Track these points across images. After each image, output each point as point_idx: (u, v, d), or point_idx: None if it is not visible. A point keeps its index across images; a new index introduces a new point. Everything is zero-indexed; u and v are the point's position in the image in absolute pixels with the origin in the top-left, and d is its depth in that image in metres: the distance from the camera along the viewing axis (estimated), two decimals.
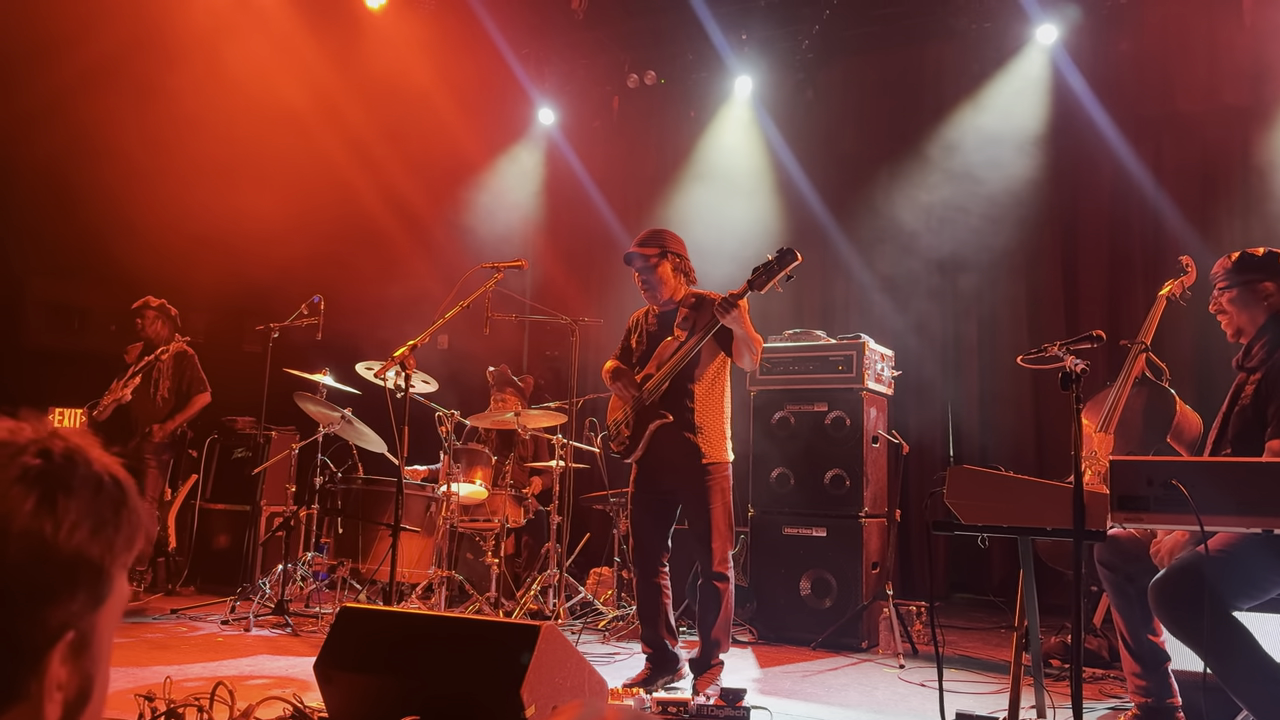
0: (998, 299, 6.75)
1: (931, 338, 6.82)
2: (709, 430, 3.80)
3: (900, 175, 6.95)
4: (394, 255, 7.56)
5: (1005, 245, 6.64)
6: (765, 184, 7.54)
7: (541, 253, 8.00)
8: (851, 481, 5.19)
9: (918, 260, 6.82)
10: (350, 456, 5.74)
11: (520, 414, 5.42)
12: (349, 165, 7.43)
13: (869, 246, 7.01)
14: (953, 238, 6.74)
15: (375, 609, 2.73)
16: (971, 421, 6.67)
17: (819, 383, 5.36)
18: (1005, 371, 6.63)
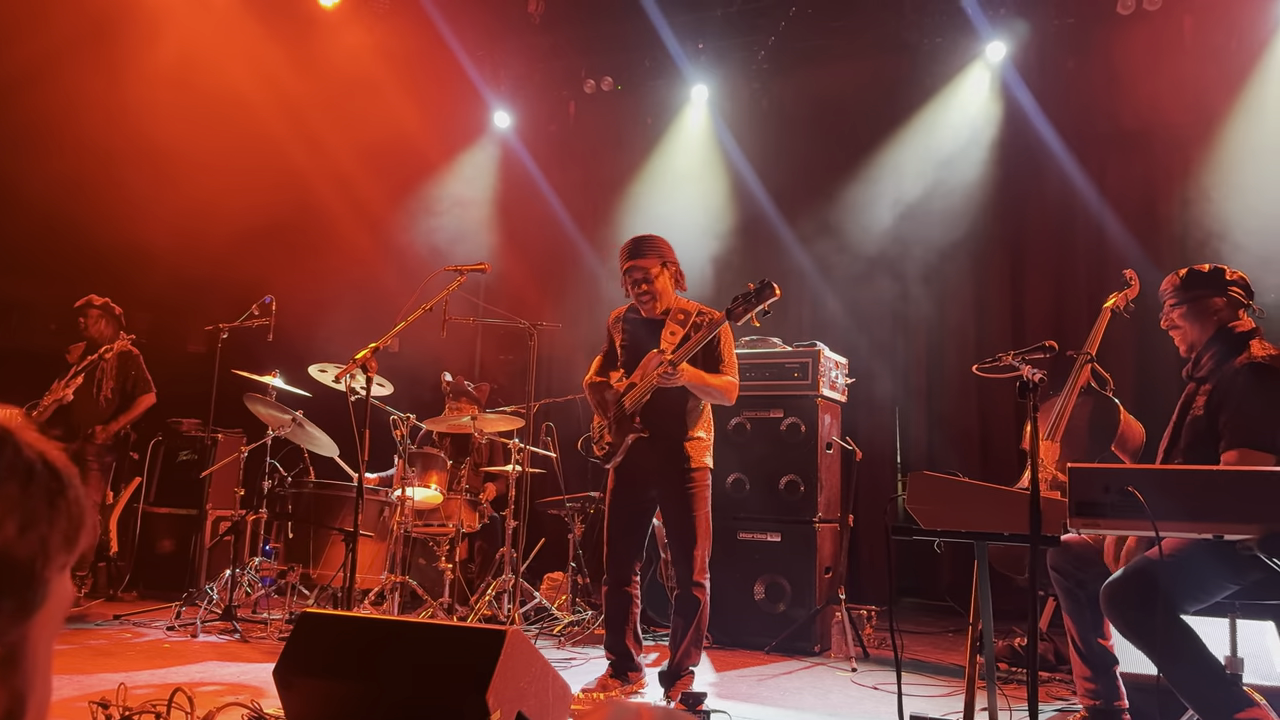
0: (946, 309, 6.88)
1: (882, 346, 6.92)
2: (696, 439, 3.83)
3: (853, 186, 7.04)
4: (347, 256, 7.45)
5: (954, 255, 6.77)
6: (721, 191, 7.59)
7: (497, 255, 7.94)
8: (806, 487, 5.23)
9: (870, 269, 6.91)
10: (301, 460, 5.65)
11: (477, 418, 5.38)
12: (302, 163, 7.30)
13: (824, 255, 7.08)
14: (903, 248, 6.85)
15: (337, 614, 2.68)
16: (919, 427, 6.77)
17: (775, 389, 5.39)
18: (952, 379, 6.75)
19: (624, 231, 7.76)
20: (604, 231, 7.93)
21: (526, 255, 8.20)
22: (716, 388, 3.75)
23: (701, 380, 3.70)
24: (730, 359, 3.84)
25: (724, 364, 3.81)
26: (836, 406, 5.65)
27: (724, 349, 3.83)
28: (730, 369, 3.82)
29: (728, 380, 3.79)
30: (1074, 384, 4.50)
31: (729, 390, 3.77)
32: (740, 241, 7.41)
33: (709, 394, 3.77)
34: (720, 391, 3.76)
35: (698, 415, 3.86)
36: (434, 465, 5.44)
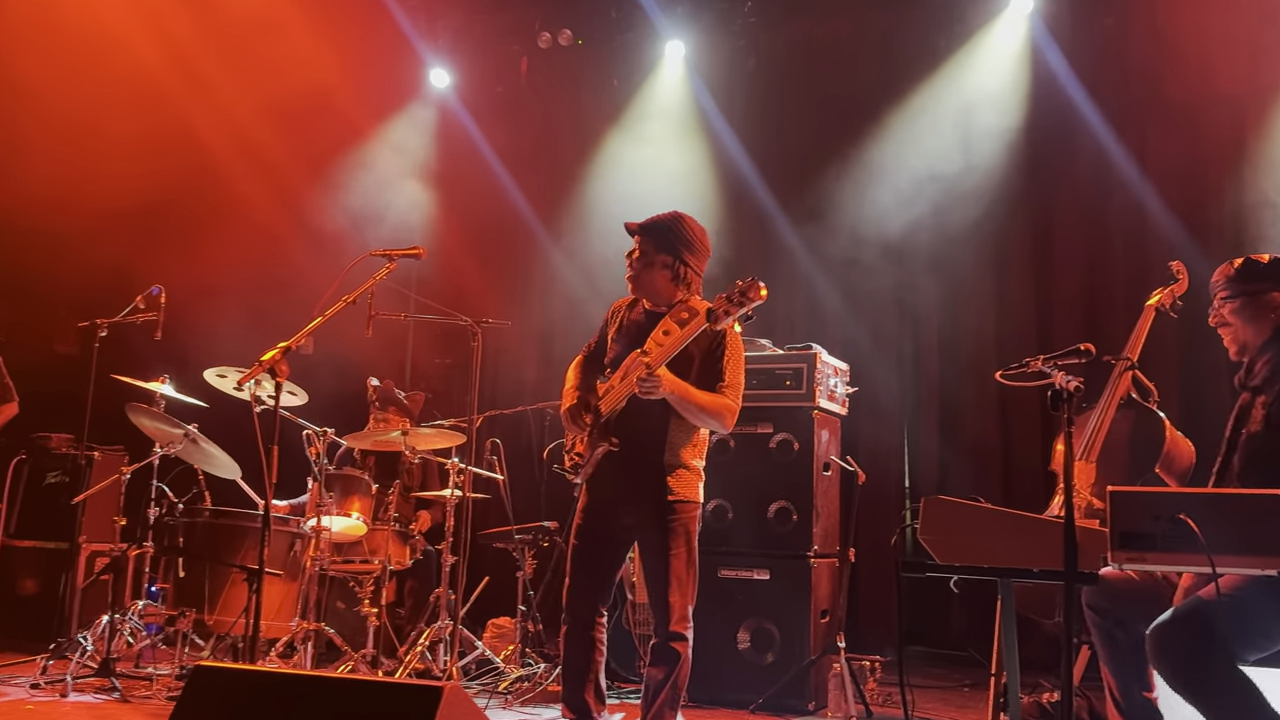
0: (963, 305, 6.93)
1: (888, 349, 6.96)
2: (682, 466, 3.78)
3: (854, 160, 7.08)
4: (253, 238, 7.35)
5: (972, 242, 6.81)
6: (700, 166, 7.60)
7: (434, 239, 7.90)
8: (799, 516, 5.23)
9: (874, 258, 6.94)
10: (195, 484, 5.57)
11: (408, 433, 5.34)
12: (197, 122, 7.20)
13: (820, 242, 7.12)
14: (912, 234, 6.89)
15: (238, 668, 2.63)
16: (931, 445, 6.82)
17: (764, 400, 5.37)
18: (970, 388, 6.80)
19: (585, 211, 7.76)
20: (561, 211, 7.91)
21: (469, 239, 8.16)
22: (705, 407, 3.67)
23: (686, 395, 3.63)
24: (734, 377, 3.74)
25: (724, 381, 3.73)
26: (835, 420, 5.65)
27: (727, 362, 3.74)
28: (732, 389, 3.73)
29: (722, 402, 3.70)
30: (1112, 395, 4.53)
31: (722, 413, 3.70)
32: (722, 223, 7.41)
33: (695, 414, 3.69)
34: (709, 413, 3.69)
35: (685, 440, 3.77)
36: (356, 489, 5.39)
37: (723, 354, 3.75)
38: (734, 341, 3.80)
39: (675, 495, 3.73)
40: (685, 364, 3.70)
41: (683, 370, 3.68)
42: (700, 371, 3.73)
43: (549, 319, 7.93)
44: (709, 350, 3.74)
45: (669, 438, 3.75)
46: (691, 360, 3.73)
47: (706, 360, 3.74)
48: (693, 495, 3.79)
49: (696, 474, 3.83)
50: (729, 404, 3.72)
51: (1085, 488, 4.41)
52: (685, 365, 3.70)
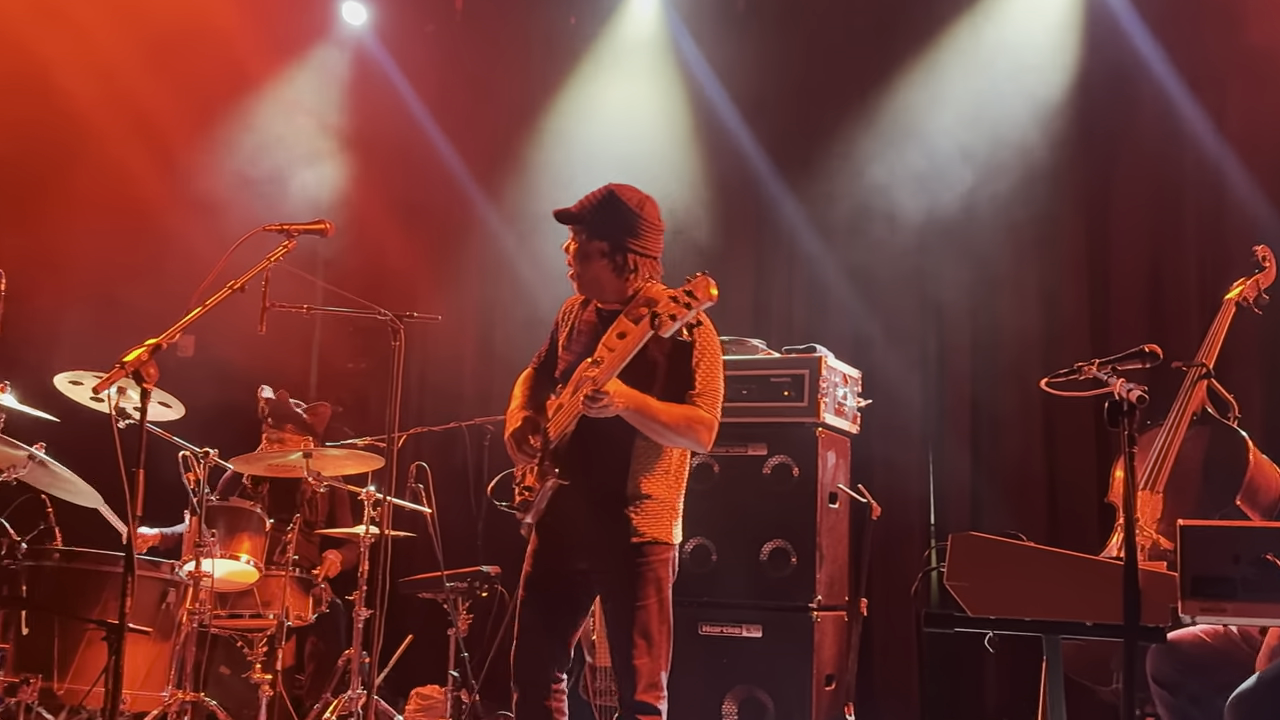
0: (1000, 298, 6.92)
1: (909, 351, 6.95)
2: (651, 499, 3.76)
3: (868, 119, 7.07)
4: (117, 209, 7.27)
5: (1011, 225, 6.81)
6: (679, 124, 7.57)
7: (348, 212, 7.82)
8: (800, 558, 5.25)
9: (892, 240, 6.94)
10: (43, 517, 5.49)
11: (311, 455, 5.33)
12: (48, 59, 7.07)
13: (826, 220, 7.10)
14: (940, 210, 6.89)
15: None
16: (962, 469, 6.81)
17: (755, 414, 5.41)
18: (1009, 400, 6.80)
19: (536, 177, 7.73)
20: (507, 177, 7.87)
21: (391, 212, 8.10)
22: (672, 424, 3.66)
23: (646, 410, 3.61)
24: (709, 382, 3.73)
25: (695, 388, 3.72)
26: (844, 440, 5.67)
27: (699, 363, 3.74)
28: (706, 398, 3.72)
29: (694, 415, 3.68)
30: (1183, 409, 4.56)
31: (695, 428, 3.68)
32: (704, 194, 7.39)
33: (661, 433, 3.68)
34: (678, 429, 3.67)
35: (653, 465, 3.76)
36: (245, 526, 5.38)
37: (692, 354, 3.75)
38: (707, 339, 3.79)
39: (642, 535, 3.72)
40: (647, 370, 3.70)
41: (644, 378, 3.67)
42: (667, 378, 3.72)
43: (491, 312, 7.88)
44: (676, 351, 3.74)
45: (632, 464, 3.74)
46: (655, 366, 3.72)
47: (673, 364, 3.74)
48: (664, 534, 3.77)
49: (670, 508, 3.81)
50: (703, 416, 3.71)
51: (1150, 523, 4.43)
52: (647, 372, 3.69)
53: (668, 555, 3.78)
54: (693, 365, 3.74)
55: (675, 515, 3.84)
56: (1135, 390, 2.96)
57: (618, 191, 3.87)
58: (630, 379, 3.61)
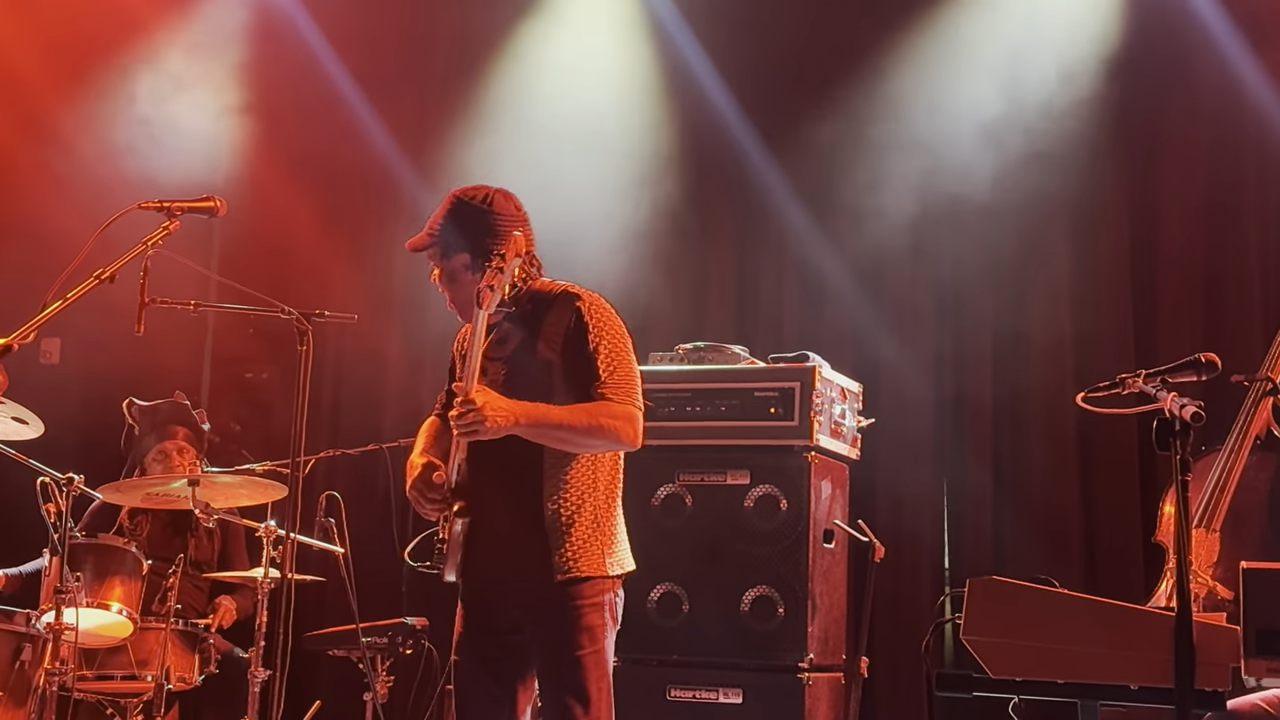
0: (1026, 297, 6.94)
1: (920, 360, 6.95)
2: (573, 521, 3.72)
3: (876, 89, 7.08)
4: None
5: (1041, 212, 6.84)
6: (645, 91, 7.57)
7: (247, 190, 7.77)
8: (788, 608, 5.26)
9: (902, 231, 6.94)
10: None
11: (199, 481, 5.30)
12: None
13: (823, 204, 7.10)
14: (959, 195, 6.90)
15: None
16: (981, 502, 6.81)
17: (736, 435, 5.46)
18: (1037, 418, 6.81)
19: (476, 149, 7.69)
20: (440, 150, 7.84)
21: (300, 190, 8.07)
22: (580, 428, 3.61)
23: (542, 420, 3.58)
24: (614, 364, 3.69)
25: (600, 379, 3.68)
26: (842, 467, 5.66)
27: (601, 349, 3.70)
28: (616, 386, 3.67)
29: (602, 409, 3.63)
30: (1244, 432, 4.56)
31: (612, 425, 3.63)
32: (678, 171, 7.39)
33: (571, 441, 3.66)
34: (591, 432, 3.63)
35: (570, 479, 3.73)
36: (118, 567, 5.38)
37: (587, 339, 3.71)
38: (600, 314, 3.75)
39: (567, 571, 3.69)
40: (542, 375, 3.70)
41: (542, 385, 3.68)
42: (568, 377, 3.70)
43: (422, 311, 7.79)
44: (569, 342, 3.71)
45: (544, 484, 3.71)
46: (550, 367, 3.72)
47: (570, 357, 3.71)
48: (596, 566, 3.73)
49: (601, 533, 3.76)
50: (616, 409, 3.64)
51: (1206, 567, 4.43)
52: (543, 377, 3.70)
53: (604, 593, 3.74)
54: (590, 351, 3.70)
55: (611, 542, 3.79)
56: (1189, 407, 2.93)
57: (460, 195, 3.93)
58: (526, 390, 3.63)
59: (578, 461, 3.76)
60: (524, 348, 3.78)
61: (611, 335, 3.75)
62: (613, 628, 3.79)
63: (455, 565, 3.77)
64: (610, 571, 3.76)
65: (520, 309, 3.82)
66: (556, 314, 3.75)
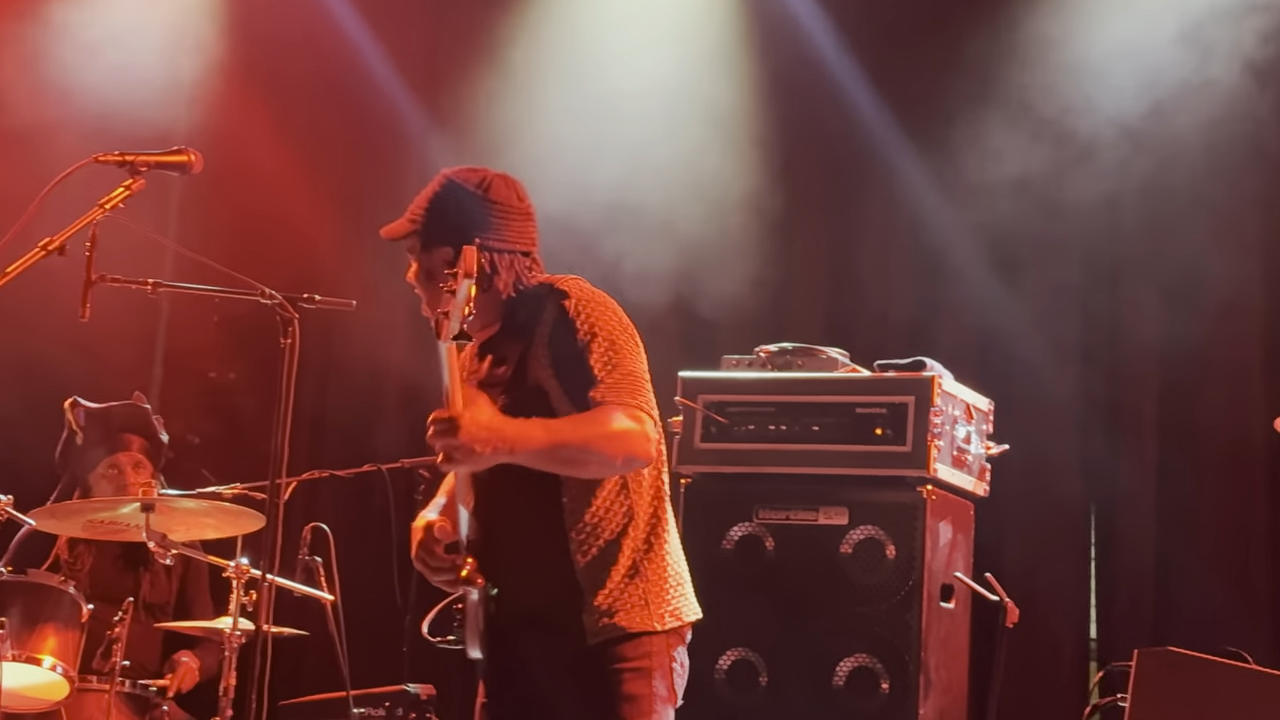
0: (1201, 296, 6.92)
1: (1065, 374, 6.94)
2: (606, 568, 3.74)
3: (1014, 34, 7.09)
4: None
5: (1223, 203, 6.82)
6: (726, 36, 7.62)
7: (224, 143, 7.82)
8: (894, 684, 5.27)
9: (1047, 216, 6.93)
10: None
11: (154, 506, 5.31)
12: None
13: (946, 177, 7.13)
14: (1118, 179, 6.88)
15: None
16: (1139, 555, 6.80)
17: (831, 462, 5.47)
18: (1215, 448, 6.80)
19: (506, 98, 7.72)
20: (461, 97, 7.89)
21: (288, 145, 8.12)
22: (582, 444, 3.58)
23: (538, 441, 3.55)
24: (613, 365, 3.65)
25: (597, 379, 3.65)
26: (966, 505, 5.67)
27: (593, 346, 3.67)
28: (615, 386, 3.63)
29: (601, 419, 3.60)
30: None
31: (619, 437, 3.57)
32: (762, 131, 7.42)
33: (575, 461, 3.62)
34: (597, 446, 3.59)
35: (589, 511, 3.74)
36: (52, 613, 5.38)
37: (574, 335, 3.71)
38: (584, 303, 3.74)
39: (600, 631, 3.71)
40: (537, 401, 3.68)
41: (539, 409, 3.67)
42: (564, 388, 3.70)
43: None
44: (554, 345, 3.72)
45: (565, 519, 3.73)
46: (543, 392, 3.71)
47: (560, 363, 3.72)
48: (639, 620, 3.73)
49: (645, 575, 3.77)
50: (619, 417, 3.61)
51: None
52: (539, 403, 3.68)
53: (650, 654, 3.74)
54: (579, 348, 3.69)
55: (660, 586, 3.77)
56: None
57: (452, 176, 3.96)
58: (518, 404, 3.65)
59: (603, 490, 3.77)
60: (520, 369, 3.79)
61: (606, 327, 3.71)
62: (668, 701, 3.75)
63: (478, 638, 3.80)
64: (659, 626, 3.72)
65: (513, 316, 3.85)
66: (545, 321, 3.75)
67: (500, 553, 3.75)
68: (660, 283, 5.88)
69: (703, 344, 6.42)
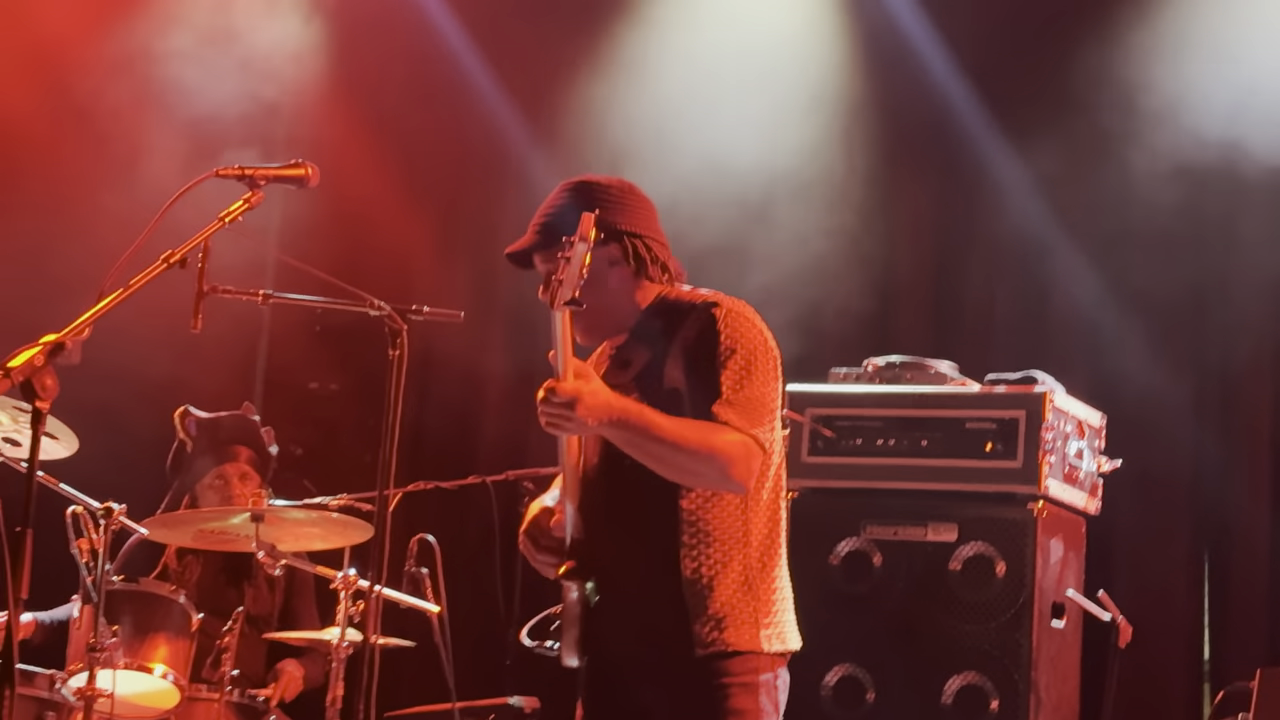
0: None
1: (1181, 385, 6.88)
2: (718, 582, 3.77)
3: (1136, 32, 7.05)
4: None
5: None
6: (830, 28, 7.64)
7: (317, 153, 7.86)
8: (1004, 703, 5.27)
9: (1156, 212, 6.90)
10: None
11: (265, 517, 5.36)
12: None
13: (1055, 176, 7.10)
14: (1232, 167, 6.83)
15: None
16: (1254, 570, 6.74)
17: (940, 478, 5.48)
18: None
19: (607, 112, 7.75)
20: (564, 113, 7.94)
21: (391, 157, 8.18)
22: (684, 446, 3.60)
23: (635, 422, 3.57)
24: (742, 386, 3.67)
25: (723, 396, 3.66)
26: (1078, 521, 5.65)
27: (730, 364, 3.70)
28: (739, 408, 3.65)
29: (712, 431, 3.62)
30: None
31: (718, 452, 3.61)
32: (867, 130, 7.44)
33: (665, 459, 3.62)
34: (694, 454, 3.61)
35: (715, 528, 3.76)
36: (163, 622, 5.45)
37: (716, 348, 3.73)
38: (733, 320, 3.75)
39: (710, 643, 3.72)
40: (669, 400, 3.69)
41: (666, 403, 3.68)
42: (691, 395, 3.72)
43: (534, 311, 7.89)
44: (695, 357, 3.73)
45: (682, 533, 3.74)
46: (677, 394, 3.72)
47: (693, 371, 3.73)
48: (748, 640, 3.75)
49: (757, 596, 3.79)
50: (727, 435, 3.61)
51: None
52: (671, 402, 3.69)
53: (758, 672, 3.76)
54: (717, 363, 3.70)
55: (769, 609, 3.80)
56: None
57: (584, 180, 3.99)
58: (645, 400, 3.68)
59: (723, 506, 3.77)
60: (650, 371, 3.80)
61: (747, 347, 3.72)
62: (773, 716, 3.78)
63: (574, 644, 3.82)
64: (767, 647, 3.76)
65: (649, 324, 3.87)
66: (689, 327, 3.77)
67: (609, 556, 3.76)
68: (767, 293, 5.86)
69: (811, 357, 6.42)
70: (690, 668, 3.71)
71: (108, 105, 7.73)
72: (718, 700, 3.70)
